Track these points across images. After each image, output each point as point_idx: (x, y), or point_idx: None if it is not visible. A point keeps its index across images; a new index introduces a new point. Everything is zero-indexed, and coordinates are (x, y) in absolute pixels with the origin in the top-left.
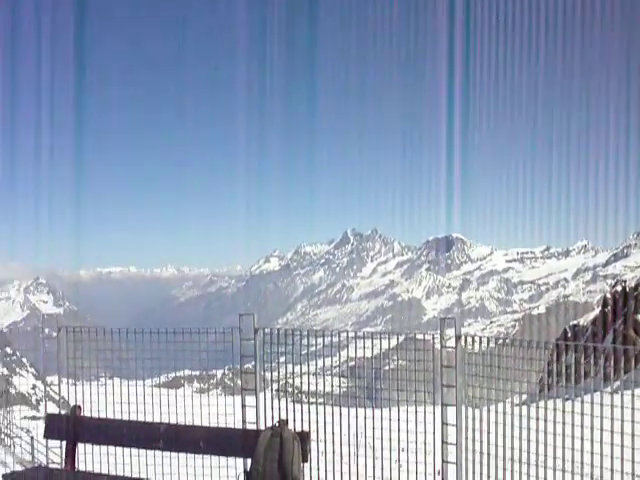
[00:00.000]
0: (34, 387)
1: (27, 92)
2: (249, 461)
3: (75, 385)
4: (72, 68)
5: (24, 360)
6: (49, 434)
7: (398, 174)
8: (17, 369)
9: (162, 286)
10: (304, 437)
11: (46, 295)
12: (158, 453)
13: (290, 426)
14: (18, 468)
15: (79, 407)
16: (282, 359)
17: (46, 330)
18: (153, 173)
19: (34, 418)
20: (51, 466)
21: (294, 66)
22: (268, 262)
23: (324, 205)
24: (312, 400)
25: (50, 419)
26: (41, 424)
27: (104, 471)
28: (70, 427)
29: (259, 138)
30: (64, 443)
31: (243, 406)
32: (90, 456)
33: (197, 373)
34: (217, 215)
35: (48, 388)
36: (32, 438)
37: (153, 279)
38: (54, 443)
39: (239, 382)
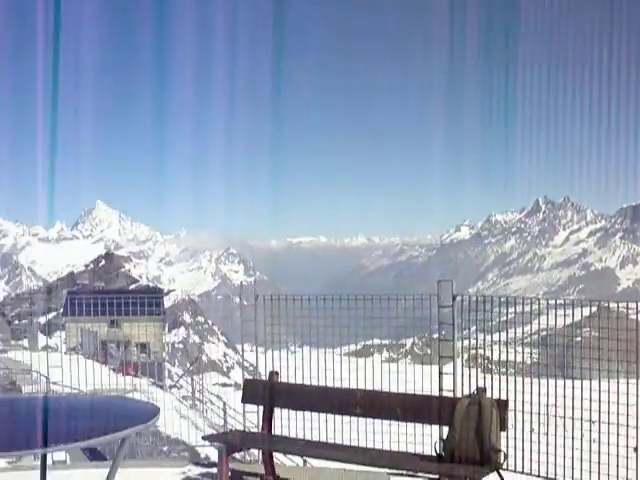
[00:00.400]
0: (225, 355)
1: (224, 71)
2: (445, 429)
3: (272, 352)
4: (274, 50)
5: (215, 328)
6: (246, 399)
7: (590, 140)
8: (209, 337)
9: (352, 256)
10: (502, 405)
11: (237, 265)
12: (354, 419)
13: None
14: (211, 432)
15: (276, 373)
16: (474, 327)
17: (237, 299)
18: (344, 145)
19: (224, 385)
20: (248, 430)
21: (489, 37)
22: (459, 231)
23: (515, 173)
24: (502, 369)
25: (248, 385)
26: (231, 391)
27: (299, 436)
28: (267, 392)
29: (454, 107)
30: (260, 408)
31: (440, 373)
32: (286, 421)
33: (387, 342)
34: (408, 184)
35: (238, 356)
36: (224, 404)
37: (343, 249)
38: (250, 408)
39: (429, 351)
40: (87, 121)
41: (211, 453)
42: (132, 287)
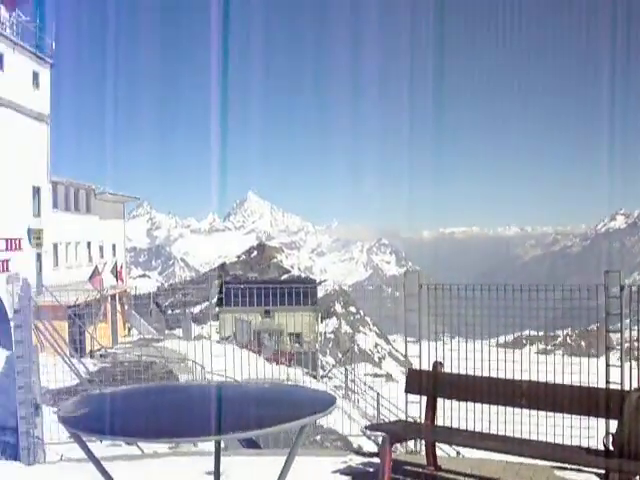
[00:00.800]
0: (376, 345)
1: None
2: (612, 422)
3: (428, 343)
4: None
5: (367, 319)
6: (410, 389)
7: None
8: (360, 327)
9: (505, 245)
10: None
11: (389, 255)
12: (517, 410)
13: None
14: (364, 422)
15: (440, 363)
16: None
17: (389, 289)
18: (497, 136)
19: (376, 375)
20: (410, 420)
21: None
22: (614, 220)
23: None
24: None
25: (411, 374)
26: (382, 381)
27: (462, 426)
28: (431, 382)
29: (613, 93)
30: (423, 398)
31: (607, 365)
32: (449, 411)
33: (540, 333)
34: (561, 173)
35: (389, 346)
36: (378, 394)
37: (496, 238)
38: (412, 398)
39: (582, 343)
40: (241, 114)
41: (364, 443)
42: (284, 277)
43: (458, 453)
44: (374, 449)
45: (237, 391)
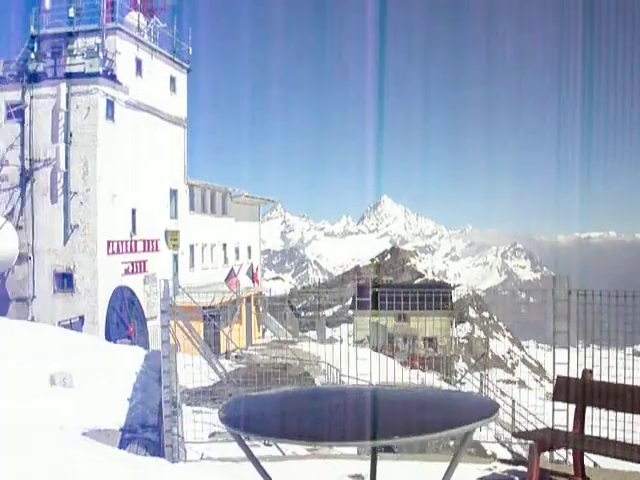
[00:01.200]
0: (509, 351)
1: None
2: None
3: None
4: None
5: (500, 324)
6: (558, 396)
7: None
8: (494, 333)
9: None
10: None
11: (523, 260)
12: None
13: None
14: (497, 429)
15: (590, 371)
16: None
17: (522, 295)
18: (628, 137)
19: (508, 382)
20: (557, 428)
21: None
22: None
23: None
24: None
25: (560, 382)
26: (515, 388)
27: (612, 437)
28: (580, 391)
29: None
30: (569, 406)
31: None
32: (598, 421)
33: None
34: None
35: (522, 352)
36: (513, 401)
37: (634, 244)
38: (559, 406)
39: None
40: (378, 118)
41: (497, 450)
42: (418, 281)
43: (595, 464)
44: (508, 456)
45: (391, 395)
